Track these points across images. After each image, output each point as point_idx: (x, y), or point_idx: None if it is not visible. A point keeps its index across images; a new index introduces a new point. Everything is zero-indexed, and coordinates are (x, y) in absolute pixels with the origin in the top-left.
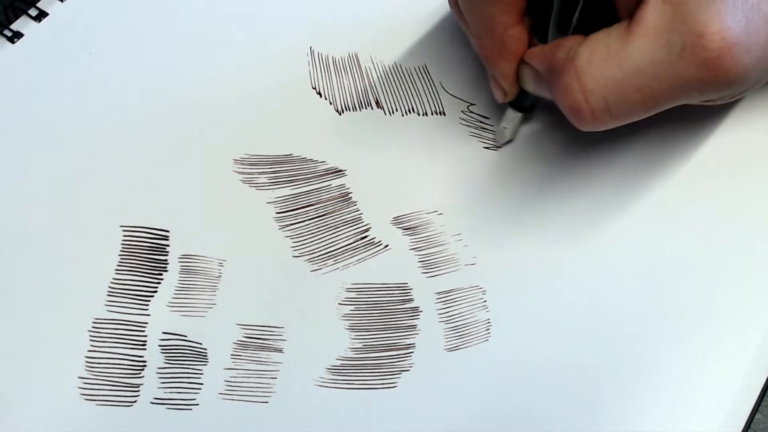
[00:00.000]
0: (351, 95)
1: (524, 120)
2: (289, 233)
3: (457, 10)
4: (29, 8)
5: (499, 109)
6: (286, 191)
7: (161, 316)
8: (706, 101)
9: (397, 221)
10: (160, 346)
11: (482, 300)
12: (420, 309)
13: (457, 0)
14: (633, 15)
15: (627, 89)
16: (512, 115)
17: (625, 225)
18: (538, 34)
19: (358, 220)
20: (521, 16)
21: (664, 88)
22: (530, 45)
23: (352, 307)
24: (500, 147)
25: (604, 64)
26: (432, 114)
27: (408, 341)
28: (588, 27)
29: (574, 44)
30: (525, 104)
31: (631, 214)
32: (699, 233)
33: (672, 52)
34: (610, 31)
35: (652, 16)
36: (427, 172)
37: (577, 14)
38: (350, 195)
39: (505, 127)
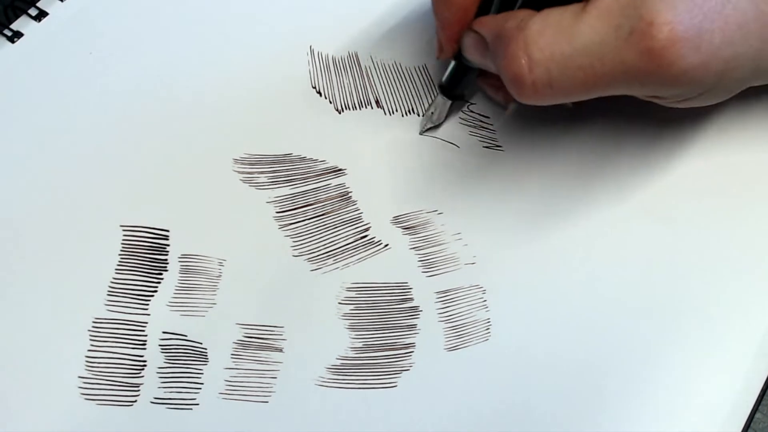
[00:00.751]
0: (351, 95)
1: (453, 109)
2: (288, 233)
3: None
4: (29, 8)
5: (500, 109)
6: (286, 190)
7: (161, 316)
8: (653, 97)
9: (397, 221)
10: (160, 345)
11: (482, 300)
12: (420, 308)
13: None
14: None
15: (571, 65)
16: (441, 101)
17: (626, 225)
18: (483, 11)
19: (358, 219)
20: None
21: (606, 70)
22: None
23: (351, 307)
24: (423, 132)
25: (553, 38)
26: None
27: (408, 341)
28: (534, 6)
29: (526, 16)
30: (456, 92)
31: (632, 214)
32: (699, 233)
33: (619, 36)
34: (565, 9)
35: None
36: (427, 171)
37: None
38: (350, 194)
39: (432, 112)
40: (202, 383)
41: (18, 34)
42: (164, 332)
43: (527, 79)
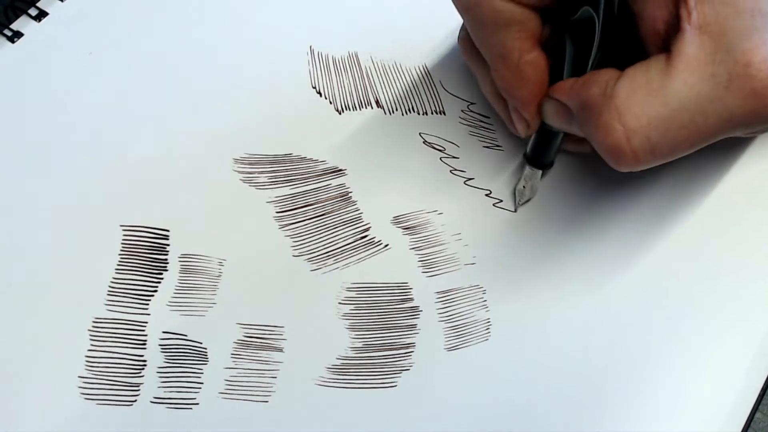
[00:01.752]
0: (351, 95)
1: (543, 177)
2: (288, 233)
3: (468, 51)
4: (29, 8)
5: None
6: (286, 190)
7: (161, 316)
8: (750, 133)
9: (397, 221)
10: (160, 345)
11: (482, 300)
12: (420, 308)
13: (467, 40)
14: (669, 48)
15: (672, 127)
16: (530, 173)
17: (625, 225)
18: (553, 78)
19: (358, 219)
20: (537, 42)
21: (710, 123)
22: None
23: (352, 307)
24: (519, 207)
25: (647, 101)
26: (432, 113)
27: (408, 341)
28: (609, 63)
29: (610, 80)
30: (545, 160)
31: (631, 214)
32: (699, 233)
33: (718, 85)
34: (648, 65)
35: (691, 47)
36: (426, 171)
37: (592, 59)
38: (350, 194)
39: (524, 186)
40: (202, 383)
41: (18, 34)
42: (164, 332)
43: (626, 149)
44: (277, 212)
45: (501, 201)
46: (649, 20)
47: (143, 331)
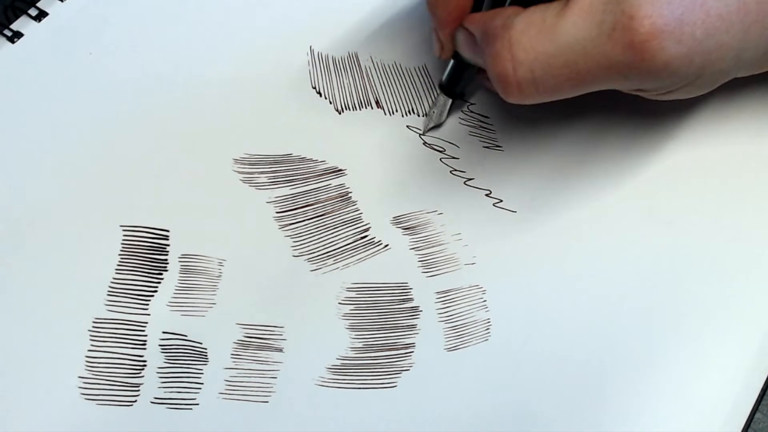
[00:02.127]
0: (351, 95)
1: (453, 107)
2: (288, 233)
3: None
4: (29, 8)
5: (500, 109)
6: (286, 191)
7: (161, 316)
8: (638, 90)
9: (397, 221)
10: (160, 345)
11: (482, 300)
12: (420, 309)
13: None
14: None
15: (555, 64)
16: (442, 100)
17: (625, 224)
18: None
19: (358, 219)
20: None
21: (590, 66)
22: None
23: (352, 307)
24: (425, 132)
25: (537, 37)
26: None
27: (408, 341)
28: (522, 3)
29: (512, 14)
30: (457, 90)
31: (632, 214)
32: (699, 233)
33: (602, 32)
34: (548, 6)
35: None
36: (427, 171)
37: None
38: (350, 194)
39: (434, 112)
40: (202, 383)
41: (18, 34)
42: (164, 332)
43: (512, 79)
44: (277, 212)
45: (501, 201)
46: None
47: (143, 331)
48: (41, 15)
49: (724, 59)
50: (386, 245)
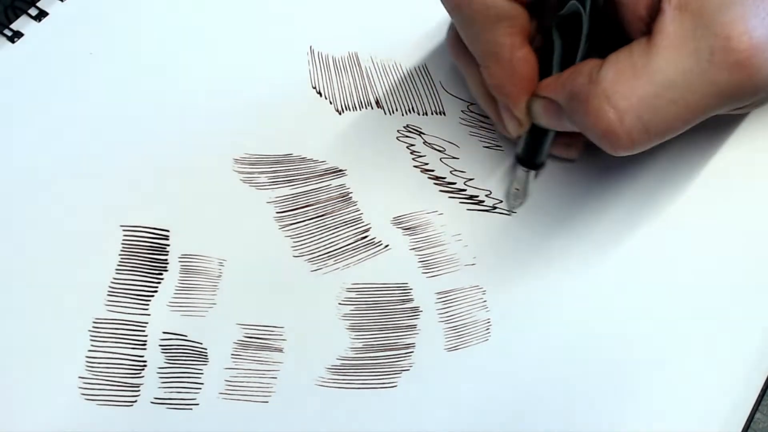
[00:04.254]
0: (351, 95)
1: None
2: (289, 233)
3: (457, 51)
4: (29, 8)
5: None
6: (286, 191)
7: (161, 316)
8: (738, 109)
9: (397, 221)
10: (160, 345)
11: (482, 300)
12: (420, 309)
13: (456, 39)
14: (650, 29)
15: (661, 104)
16: (523, 174)
17: (625, 225)
18: (541, 75)
19: (358, 220)
20: (527, 37)
21: (698, 97)
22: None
23: (352, 307)
24: (513, 211)
25: (633, 81)
26: (432, 114)
27: (408, 341)
28: (595, 54)
29: (594, 67)
30: (537, 160)
31: (631, 214)
32: (699, 233)
33: (701, 59)
34: (631, 48)
35: (672, 26)
36: (427, 172)
37: (580, 52)
38: (350, 195)
39: (517, 189)
40: (202, 383)
41: (18, 34)
42: (164, 332)
43: (620, 130)
44: (278, 212)
45: (501, 201)
46: (630, 5)
47: (143, 331)
48: (41, 15)
49: None
50: (386, 245)
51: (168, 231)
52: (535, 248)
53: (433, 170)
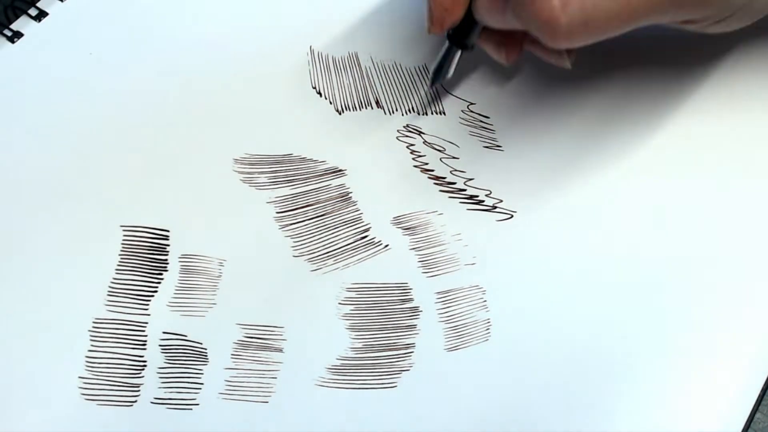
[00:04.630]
0: (351, 95)
1: (460, 60)
2: (289, 233)
3: None
4: (29, 8)
5: (500, 109)
6: (286, 191)
7: (161, 316)
8: (686, 22)
9: (397, 221)
10: (160, 345)
11: (482, 300)
12: (420, 309)
13: None
14: None
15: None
16: (452, 51)
17: (625, 225)
18: None
19: (358, 219)
20: None
21: None
22: None
23: (352, 307)
24: (432, 85)
25: None
26: (432, 113)
27: (408, 341)
28: None
29: None
30: (468, 41)
31: (631, 214)
32: (699, 233)
33: None
34: None
35: None
36: (427, 171)
37: None
38: (350, 195)
39: (440, 63)
40: (202, 383)
41: (18, 34)
42: (164, 332)
43: (562, 20)
44: (278, 212)
45: (501, 201)
46: None
47: (143, 331)
48: (41, 15)
49: None
50: (386, 245)
51: (168, 231)
52: (535, 248)
53: (433, 170)
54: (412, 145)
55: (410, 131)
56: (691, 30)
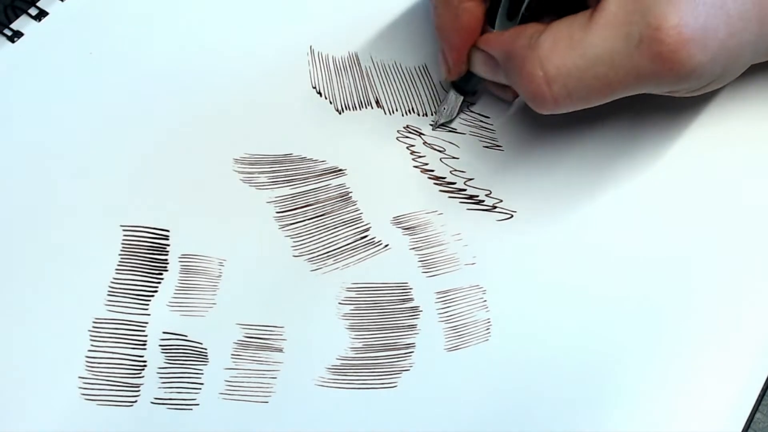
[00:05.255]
0: (351, 95)
1: (465, 105)
2: (289, 233)
3: None
4: (29, 8)
5: (500, 109)
6: (286, 191)
7: (161, 316)
8: (669, 92)
9: (397, 221)
10: (160, 345)
11: (482, 300)
12: (420, 309)
13: None
14: (596, 4)
15: (587, 77)
16: (453, 97)
17: (625, 225)
18: (488, 20)
19: (358, 219)
20: None
21: (620, 77)
22: (483, 32)
23: (352, 307)
24: (435, 128)
25: (566, 53)
26: (432, 114)
27: (408, 341)
28: (538, 15)
29: (535, 33)
30: (468, 88)
31: (631, 215)
32: (699, 233)
33: (630, 44)
34: (573, 20)
35: (613, 6)
36: (427, 172)
37: (525, 3)
38: (350, 194)
39: (445, 108)
40: (202, 383)
41: (18, 34)
42: (164, 332)
43: (547, 95)
44: (278, 212)
45: (501, 201)
46: None
47: (143, 331)
48: (41, 15)
49: (744, 53)
50: (386, 245)
51: (168, 231)
52: (535, 248)
53: (433, 170)
54: (412, 145)
55: (410, 131)
56: (677, 96)
